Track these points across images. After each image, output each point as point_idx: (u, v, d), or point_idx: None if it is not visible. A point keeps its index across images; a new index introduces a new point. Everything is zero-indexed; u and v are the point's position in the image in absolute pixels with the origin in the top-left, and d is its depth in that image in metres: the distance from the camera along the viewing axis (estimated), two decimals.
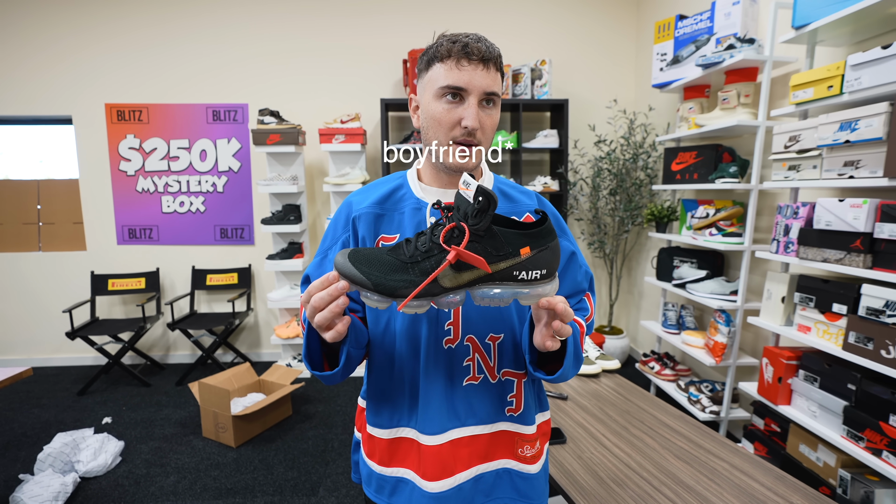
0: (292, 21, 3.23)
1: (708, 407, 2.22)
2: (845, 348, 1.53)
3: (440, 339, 0.77)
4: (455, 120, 0.73)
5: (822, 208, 1.59)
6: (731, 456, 1.35)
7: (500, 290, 0.62)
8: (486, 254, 0.60)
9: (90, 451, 2.09)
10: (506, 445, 0.81)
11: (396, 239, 0.77)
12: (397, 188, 0.82)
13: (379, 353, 0.80)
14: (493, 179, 0.86)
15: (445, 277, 0.61)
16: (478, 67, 0.71)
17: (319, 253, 0.84)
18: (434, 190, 0.81)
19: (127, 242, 3.34)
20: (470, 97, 0.72)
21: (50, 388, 3.00)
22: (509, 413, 0.81)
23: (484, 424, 0.79)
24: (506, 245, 0.60)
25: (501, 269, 0.61)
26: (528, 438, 0.82)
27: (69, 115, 3.21)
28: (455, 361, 0.77)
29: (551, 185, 3.17)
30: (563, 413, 1.62)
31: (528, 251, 0.60)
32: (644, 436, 1.47)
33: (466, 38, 0.72)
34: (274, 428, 2.46)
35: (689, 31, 2.46)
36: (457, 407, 0.78)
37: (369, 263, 0.61)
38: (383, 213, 0.80)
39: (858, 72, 1.50)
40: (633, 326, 3.52)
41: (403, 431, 0.80)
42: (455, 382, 0.78)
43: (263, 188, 3.03)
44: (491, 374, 0.79)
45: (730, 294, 2.21)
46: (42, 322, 3.33)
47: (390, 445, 0.81)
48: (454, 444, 0.77)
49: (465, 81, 0.71)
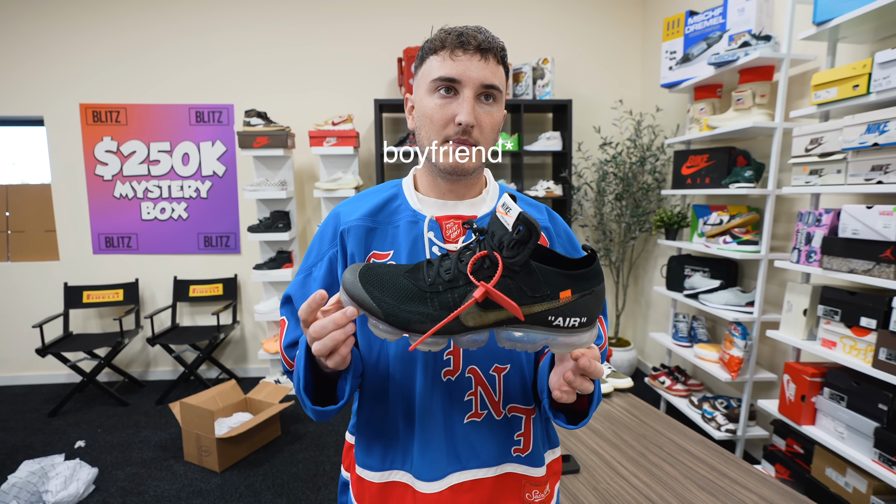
0: (280, 16, 3.10)
1: (724, 425, 2.12)
2: (875, 365, 1.45)
3: (438, 371, 0.68)
4: (449, 116, 0.66)
5: (849, 216, 1.52)
6: (760, 486, 1.27)
7: (530, 335, 0.53)
8: (519, 293, 0.52)
9: (60, 479, 1.95)
10: (512, 490, 0.73)
11: (390, 256, 0.70)
12: (391, 198, 0.74)
13: (370, 382, 0.72)
14: (500, 189, 0.78)
15: (469, 315, 0.52)
16: (474, 57, 0.65)
17: (302, 270, 0.76)
18: (432, 201, 0.73)
19: (103, 252, 3.17)
20: (465, 90, 0.65)
21: (18, 408, 2.83)
22: (516, 454, 0.73)
23: (488, 467, 0.71)
24: (544, 286, 0.52)
25: (535, 312, 0.52)
26: (537, 482, 0.74)
27: (40, 115, 3.05)
28: (455, 396, 0.69)
29: (554, 189, 3.08)
30: (575, 438, 1.52)
31: (570, 295, 0.52)
32: (663, 463, 1.39)
33: (463, 28, 0.66)
34: (261, 450, 2.34)
35: (699, 27, 2.38)
36: (458, 448, 0.70)
37: (382, 286, 0.53)
38: (375, 226, 0.72)
39: (887, 70, 1.44)
40: (641, 338, 3.44)
41: (397, 475, 0.71)
42: (455, 420, 0.70)
43: (250, 194, 2.90)
44: (496, 409, 0.71)
45: (746, 305, 2.11)
46: (10, 337, 3.15)
47: (382, 490, 0.72)
48: (454, 491, 0.69)
49: (459, 72, 0.65)
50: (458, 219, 0.72)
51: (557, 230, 0.77)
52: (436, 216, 0.71)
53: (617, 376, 1.88)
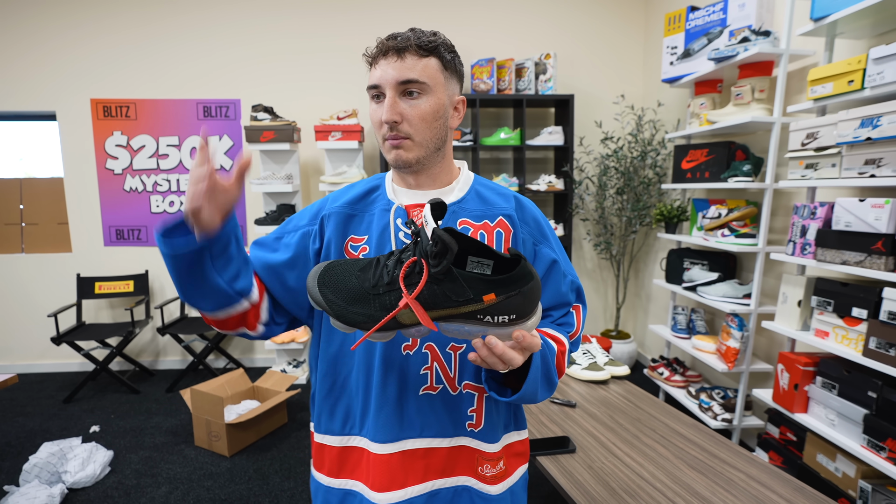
0: (287, 13, 3.13)
1: (720, 414, 2.16)
2: (866, 354, 1.48)
3: (398, 344, 0.74)
4: (379, 119, 0.72)
5: (842, 208, 1.54)
6: (748, 466, 1.33)
7: (467, 328, 0.58)
8: (444, 297, 0.55)
9: (78, 461, 2.03)
10: (466, 462, 0.77)
11: (364, 240, 0.76)
12: (373, 188, 0.81)
13: (331, 352, 0.78)
14: (473, 180, 0.82)
15: (405, 315, 0.56)
16: (391, 60, 0.70)
17: (279, 231, 0.81)
18: (402, 191, 0.79)
19: (114, 244, 3.24)
20: (386, 91, 0.71)
21: (34, 395, 2.91)
22: (470, 428, 0.77)
23: (442, 438, 0.76)
24: (468, 290, 0.55)
25: (462, 312, 0.56)
26: (490, 457, 0.78)
27: (52, 110, 3.10)
28: (412, 369, 0.74)
29: (556, 183, 3.11)
30: (572, 421, 1.58)
31: (493, 297, 0.55)
32: (656, 445, 1.44)
33: (387, 37, 0.71)
34: (269, 436, 2.40)
35: (700, 23, 2.39)
36: (411, 416, 0.75)
37: (336, 289, 0.59)
38: (354, 213, 0.78)
39: (881, 66, 1.45)
40: (641, 331, 3.47)
41: (355, 440, 0.77)
42: (409, 390, 0.74)
43: (257, 187, 2.95)
44: (451, 385, 0.75)
45: (743, 297, 2.15)
46: (26, 326, 3.23)
47: (341, 454, 0.78)
48: (406, 455, 0.74)
49: (378, 77, 0.71)
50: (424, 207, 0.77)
51: (525, 217, 0.79)
52: (405, 204, 0.77)
53: (614, 364, 1.93)
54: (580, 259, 3.48)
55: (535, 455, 1.37)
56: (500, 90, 3.07)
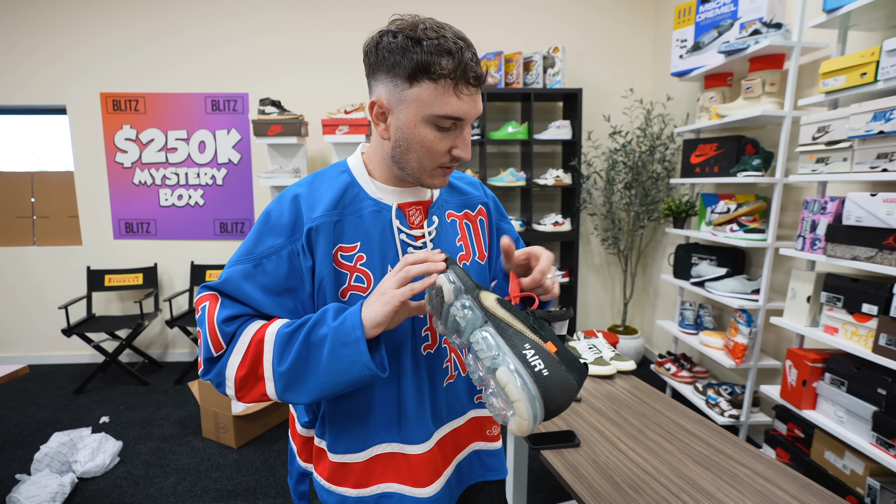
0: (295, 7, 3.13)
1: (727, 411, 2.15)
2: (875, 351, 1.46)
3: (419, 347, 0.76)
4: (447, 148, 0.67)
5: (853, 203, 1.52)
6: (754, 462, 1.31)
7: (480, 370, 0.64)
8: (534, 320, 0.65)
9: (88, 451, 2.06)
10: (477, 430, 0.85)
11: (357, 248, 0.70)
12: (348, 186, 0.73)
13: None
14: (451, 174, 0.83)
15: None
16: (475, 93, 0.65)
17: (248, 257, 0.69)
18: (394, 190, 0.74)
19: (124, 237, 3.27)
20: (466, 126, 0.67)
21: (46, 386, 2.96)
22: (478, 401, 0.85)
23: (459, 417, 0.82)
24: (541, 330, 0.63)
25: (528, 335, 0.62)
26: (493, 419, 0.87)
27: (63, 104, 3.13)
28: (436, 366, 0.78)
29: (563, 178, 3.09)
30: (577, 415, 1.57)
31: (553, 347, 0.62)
32: (661, 440, 1.43)
33: (461, 55, 0.62)
34: (276, 429, 2.42)
35: (711, 15, 2.36)
36: (440, 409, 0.79)
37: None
38: (339, 218, 0.70)
39: (895, 58, 1.42)
40: (649, 326, 3.45)
41: (382, 448, 0.76)
42: (437, 386, 0.78)
43: (265, 181, 2.96)
44: (463, 367, 0.81)
45: (751, 293, 2.13)
46: (37, 318, 3.28)
47: (367, 466, 0.76)
48: (440, 445, 0.79)
49: (464, 112, 0.64)
50: (417, 205, 0.75)
51: (492, 203, 0.88)
52: (398, 204, 0.73)
53: (620, 359, 1.92)
54: (588, 254, 3.46)
55: (539, 449, 1.38)
56: (508, 84, 3.05)
